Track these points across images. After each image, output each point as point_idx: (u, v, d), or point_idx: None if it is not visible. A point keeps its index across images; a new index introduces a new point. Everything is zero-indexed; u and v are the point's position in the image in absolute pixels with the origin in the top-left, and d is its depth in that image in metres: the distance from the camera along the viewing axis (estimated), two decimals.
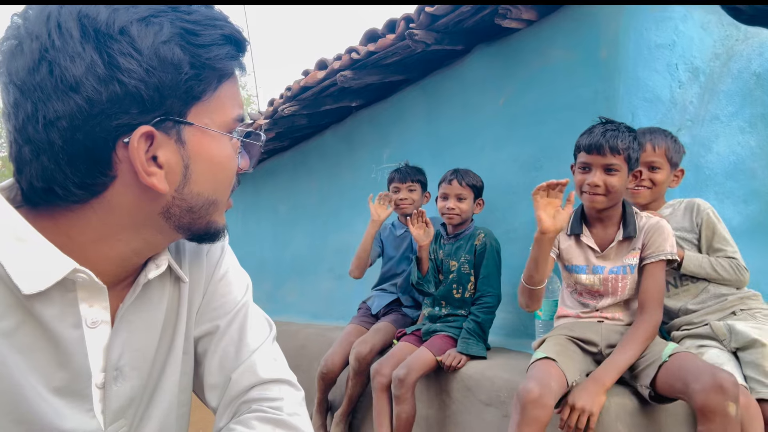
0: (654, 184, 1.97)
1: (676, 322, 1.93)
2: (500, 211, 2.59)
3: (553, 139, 2.37)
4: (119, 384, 0.71)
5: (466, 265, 2.37)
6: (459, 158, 2.82)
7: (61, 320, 0.64)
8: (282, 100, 3.66)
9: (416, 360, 2.22)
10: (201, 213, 0.69)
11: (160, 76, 0.60)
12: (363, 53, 2.88)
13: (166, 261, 0.75)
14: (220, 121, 0.68)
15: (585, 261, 1.91)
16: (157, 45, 0.59)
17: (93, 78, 0.57)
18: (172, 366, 0.78)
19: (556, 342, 1.80)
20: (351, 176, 3.90)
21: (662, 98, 2.16)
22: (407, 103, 3.33)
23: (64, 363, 0.65)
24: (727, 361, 1.69)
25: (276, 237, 4.97)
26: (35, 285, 0.61)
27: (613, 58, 2.15)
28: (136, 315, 0.73)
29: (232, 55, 0.66)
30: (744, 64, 2.26)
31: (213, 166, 0.68)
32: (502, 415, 1.95)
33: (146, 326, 0.74)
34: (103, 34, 0.58)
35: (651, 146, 1.94)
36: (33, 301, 0.62)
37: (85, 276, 0.64)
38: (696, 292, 1.92)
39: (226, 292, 0.85)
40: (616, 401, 1.65)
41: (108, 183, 0.63)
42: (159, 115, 0.61)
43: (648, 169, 1.96)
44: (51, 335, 0.63)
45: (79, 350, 0.66)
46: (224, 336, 0.83)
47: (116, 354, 0.70)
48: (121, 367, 0.71)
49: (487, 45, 2.73)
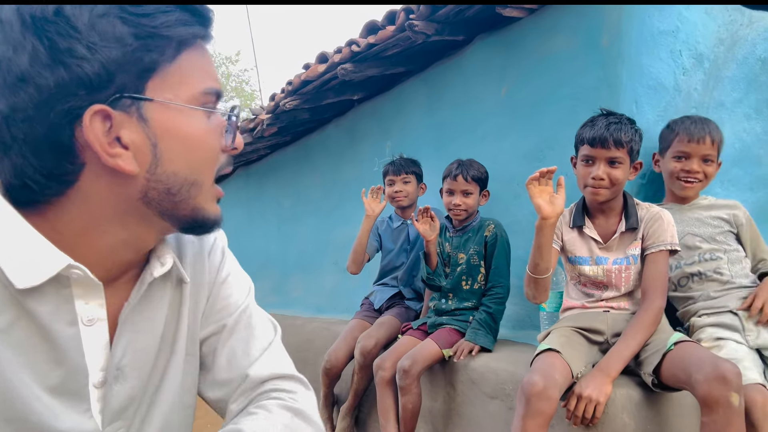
0: (706, 177, 1.94)
1: (692, 308, 1.88)
2: (503, 202, 2.57)
3: (555, 128, 2.34)
4: (120, 384, 0.70)
5: (476, 256, 2.35)
6: (461, 149, 2.80)
7: (56, 317, 0.63)
8: (283, 94, 3.64)
9: (421, 351, 2.21)
10: (182, 195, 0.66)
11: (104, 52, 0.58)
12: (363, 45, 2.86)
13: (171, 259, 0.74)
14: (186, 95, 0.64)
15: (588, 252, 1.90)
16: (93, 20, 0.57)
17: (38, 65, 0.56)
18: (174, 368, 0.77)
19: (561, 334, 1.79)
20: (354, 169, 3.89)
21: (666, 85, 2.13)
22: (408, 95, 3.30)
23: (59, 361, 0.64)
24: (746, 356, 1.65)
25: (280, 231, 4.97)
26: (28, 280, 0.60)
27: (615, 46, 2.12)
28: (140, 314, 0.72)
29: (184, 21, 0.62)
30: (749, 50, 2.22)
31: (185, 142, 0.64)
32: (507, 408, 1.94)
33: (149, 326, 0.74)
34: (39, 19, 0.56)
35: (710, 138, 1.90)
36: (27, 297, 0.61)
37: (80, 272, 0.63)
38: (722, 283, 1.87)
39: (229, 294, 0.85)
40: (622, 392, 1.64)
41: (78, 171, 0.62)
42: (112, 94, 0.59)
43: (702, 161, 1.92)
44: (46, 332, 0.63)
45: (74, 348, 0.65)
46: (232, 334, 0.83)
47: (119, 353, 0.69)
48: (123, 366, 0.70)
49: (487, 35, 2.70)
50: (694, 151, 1.91)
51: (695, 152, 1.91)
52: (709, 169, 1.93)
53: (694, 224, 1.94)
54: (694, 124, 1.91)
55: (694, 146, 1.90)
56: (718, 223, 1.93)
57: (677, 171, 1.94)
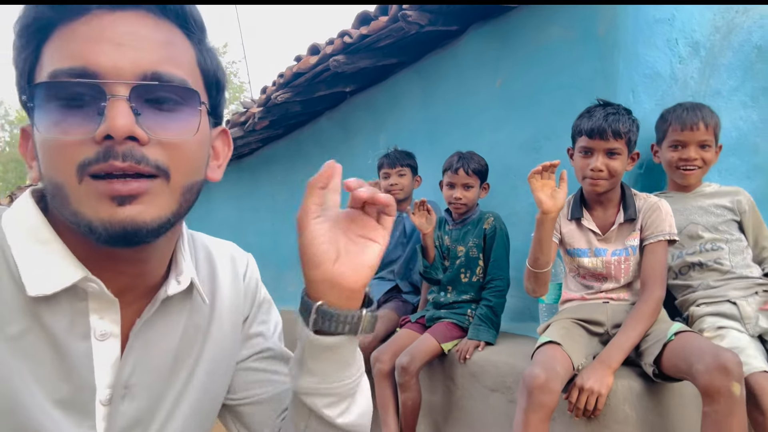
0: (705, 163, 1.91)
1: (691, 297, 1.88)
2: (501, 194, 2.56)
3: (552, 119, 2.33)
4: (126, 403, 0.66)
5: (475, 249, 2.34)
6: (456, 141, 2.77)
7: (70, 330, 0.62)
8: (275, 87, 3.60)
9: (420, 347, 2.20)
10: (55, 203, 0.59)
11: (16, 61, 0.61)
12: (356, 37, 2.83)
13: (189, 278, 0.70)
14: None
15: (587, 244, 1.89)
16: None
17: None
18: (192, 390, 0.73)
19: (561, 326, 1.78)
20: (348, 162, 3.85)
21: (662, 74, 2.11)
22: (402, 87, 3.27)
23: (67, 375, 0.62)
24: (748, 345, 1.65)
25: (274, 226, 4.94)
26: (41, 288, 0.59)
27: (611, 35, 2.10)
28: (153, 332, 0.69)
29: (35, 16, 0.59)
30: (745, 37, 2.21)
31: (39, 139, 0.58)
32: (507, 401, 1.94)
33: (162, 345, 0.70)
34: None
35: (703, 124, 1.87)
36: (42, 307, 0.60)
37: (96, 286, 0.61)
38: (722, 272, 1.86)
39: (267, 319, 0.85)
40: (623, 383, 1.63)
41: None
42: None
43: (699, 147, 1.90)
44: (57, 345, 0.61)
45: (85, 363, 0.63)
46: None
47: (128, 371, 0.66)
48: (131, 385, 0.67)
49: (482, 24, 2.67)
50: (688, 139, 1.89)
51: (690, 140, 1.89)
52: (707, 154, 1.91)
53: (697, 213, 1.93)
54: (686, 112, 1.90)
55: (688, 134, 1.88)
56: (721, 212, 1.91)
57: (675, 160, 1.93)
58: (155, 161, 0.57)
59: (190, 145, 0.61)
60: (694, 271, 1.91)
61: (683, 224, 1.91)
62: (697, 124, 1.87)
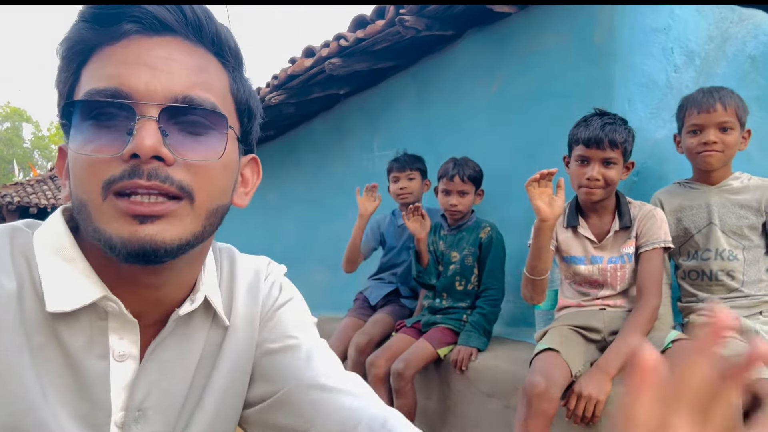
0: (726, 147, 1.79)
1: (694, 307, 1.87)
2: (495, 200, 2.57)
3: (547, 125, 2.34)
4: (140, 427, 0.65)
5: (470, 257, 2.35)
6: (450, 146, 2.78)
7: (88, 349, 0.61)
8: (269, 89, 3.59)
9: (415, 353, 2.20)
10: (80, 218, 0.60)
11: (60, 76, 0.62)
12: (352, 40, 2.82)
13: (203, 296, 0.69)
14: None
15: (583, 252, 1.91)
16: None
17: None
18: (206, 408, 0.71)
19: (559, 333, 1.79)
20: (341, 165, 3.85)
21: (658, 83, 2.14)
22: (397, 90, 3.28)
23: (84, 394, 0.61)
24: None
25: (266, 228, 4.92)
26: (60, 305, 0.58)
27: (608, 43, 2.12)
28: (169, 354, 0.67)
29: (82, 37, 0.60)
30: (739, 47, 2.24)
31: (71, 156, 0.60)
32: (503, 406, 1.95)
33: (179, 367, 0.68)
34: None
35: (721, 105, 1.76)
36: (60, 323, 0.60)
37: (115, 306, 0.61)
38: (729, 290, 1.83)
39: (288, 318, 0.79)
40: (621, 390, 1.64)
41: None
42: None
43: (719, 130, 1.78)
44: (73, 363, 0.61)
45: (101, 383, 0.62)
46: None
47: (141, 394, 0.65)
48: (145, 409, 0.65)
49: (478, 30, 2.68)
50: (706, 122, 1.79)
51: (708, 122, 1.78)
52: (728, 138, 1.79)
53: (718, 212, 1.84)
54: (702, 95, 1.81)
55: (705, 116, 1.78)
56: (743, 213, 1.82)
57: (694, 146, 1.82)
58: (179, 182, 0.57)
59: (215, 168, 0.61)
60: (703, 281, 1.87)
61: (702, 224, 1.85)
62: (714, 106, 1.77)
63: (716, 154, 1.80)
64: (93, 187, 0.56)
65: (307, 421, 0.70)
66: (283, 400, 0.72)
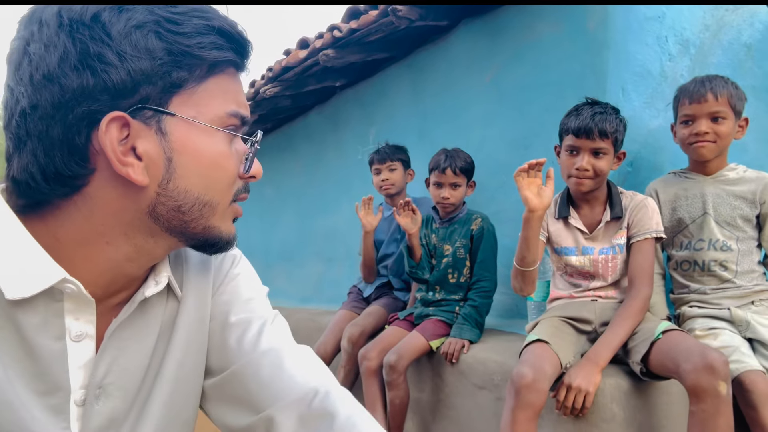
0: (719, 137, 1.77)
1: (686, 297, 1.87)
2: (489, 190, 2.55)
3: (541, 115, 2.32)
4: (101, 403, 0.67)
5: (462, 249, 2.33)
6: (446, 136, 2.76)
7: (43, 331, 0.62)
8: (264, 81, 3.57)
9: (407, 345, 2.19)
10: (193, 215, 0.65)
11: (133, 61, 0.59)
12: (345, 31, 2.80)
13: (166, 278, 0.72)
14: (209, 115, 0.64)
15: (574, 243, 1.89)
16: (129, 30, 0.59)
17: (66, 65, 0.57)
18: (163, 384, 0.73)
19: (550, 324, 1.78)
20: (337, 157, 3.84)
21: (652, 72, 2.11)
22: (392, 81, 3.25)
23: (41, 376, 0.62)
24: (741, 344, 1.65)
25: (263, 220, 4.91)
26: (20, 291, 0.59)
27: (601, 32, 2.10)
28: (128, 332, 0.69)
29: (218, 45, 0.63)
30: (734, 35, 2.21)
31: (201, 161, 0.64)
32: (495, 398, 1.94)
33: (138, 345, 0.71)
34: (77, 22, 0.58)
35: (712, 95, 1.74)
36: (16, 308, 0.60)
37: (74, 287, 0.61)
38: (722, 280, 1.82)
39: (239, 291, 0.82)
40: (611, 381, 1.63)
41: (87, 176, 0.61)
42: (134, 104, 0.60)
43: (711, 120, 1.77)
44: (29, 346, 0.61)
45: (59, 364, 0.63)
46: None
47: (101, 372, 0.67)
48: (105, 385, 0.67)
49: (472, 20, 2.66)
50: (697, 112, 1.77)
51: (699, 112, 1.77)
52: (720, 128, 1.77)
53: (713, 202, 1.83)
54: (694, 84, 1.80)
55: (696, 106, 1.77)
56: (738, 204, 1.81)
57: (686, 136, 1.82)
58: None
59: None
60: (695, 272, 1.86)
61: (697, 213, 1.84)
62: (705, 96, 1.75)
63: (708, 145, 1.79)
64: (225, 194, 0.68)
65: (260, 394, 0.73)
66: (237, 373, 0.75)
